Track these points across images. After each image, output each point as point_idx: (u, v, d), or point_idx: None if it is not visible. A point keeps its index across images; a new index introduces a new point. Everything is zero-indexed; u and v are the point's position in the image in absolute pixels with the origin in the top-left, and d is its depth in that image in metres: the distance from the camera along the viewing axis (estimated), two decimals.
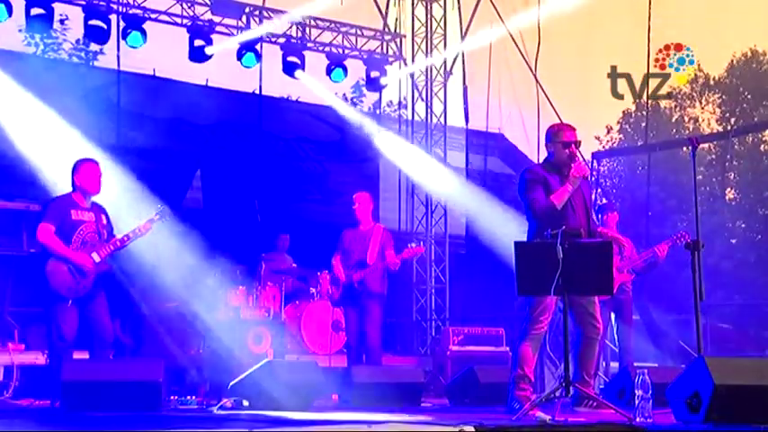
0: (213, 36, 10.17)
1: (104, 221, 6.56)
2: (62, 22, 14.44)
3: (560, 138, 5.72)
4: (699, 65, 23.47)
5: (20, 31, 14.17)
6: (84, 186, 6.47)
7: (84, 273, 6.30)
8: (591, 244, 5.41)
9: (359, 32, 11.24)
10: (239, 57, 10.39)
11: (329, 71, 10.94)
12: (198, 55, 10.09)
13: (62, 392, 5.63)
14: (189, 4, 10.16)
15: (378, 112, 13.92)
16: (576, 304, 5.54)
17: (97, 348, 6.40)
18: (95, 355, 6.39)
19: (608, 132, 26.35)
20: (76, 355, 6.47)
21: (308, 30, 10.88)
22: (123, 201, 7.76)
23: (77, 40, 17.41)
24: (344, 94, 20.61)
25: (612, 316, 7.74)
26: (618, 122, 26.18)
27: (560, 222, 5.31)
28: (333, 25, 11.03)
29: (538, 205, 5.58)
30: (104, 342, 6.41)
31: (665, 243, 7.70)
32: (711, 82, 25.24)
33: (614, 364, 8.31)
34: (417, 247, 8.13)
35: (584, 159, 6.11)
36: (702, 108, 25.63)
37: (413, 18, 11.93)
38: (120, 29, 9.73)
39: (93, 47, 15.29)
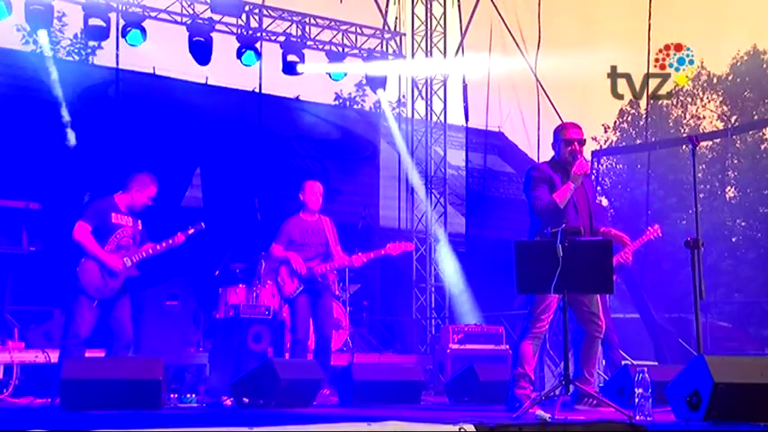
0: (213, 34, 10.16)
1: (140, 227, 6.65)
2: (59, 19, 14.43)
3: (563, 135, 5.73)
4: (702, 63, 23.54)
5: (17, 29, 14.15)
6: (135, 198, 6.59)
7: (115, 275, 6.38)
8: (591, 242, 5.41)
9: (359, 31, 11.23)
10: (239, 55, 10.38)
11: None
12: (200, 55, 10.07)
13: (61, 390, 5.63)
14: (188, 2, 10.14)
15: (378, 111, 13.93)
16: (577, 302, 5.54)
17: (115, 348, 6.44)
18: (112, 353, 6.43)
19: (605, 131, 26.37)
20: (93, 354, 6.51)
21: (307, 28, 10.87)
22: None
23: (75, 35, 17.43)
24: (350, 93, 20.69)
25: None
26: (614, 123, 26.19)
27: (562, 221, 5.31)
28: (333, 23, 11.02)
29: (540, 203, 5.58)
30: (122, 343, 6.45)
31: (635, 243, 7.48)
32: (714, 80, 25.24)
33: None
34: (405, 243, 7.77)
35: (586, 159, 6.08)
36: (704, 106, 25.63)
37: (413, 16, 11.93)
38: (120, 27, 9.73)
39: (91, 44, 15.28)
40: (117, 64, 10.74)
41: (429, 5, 11.86)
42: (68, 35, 17.72)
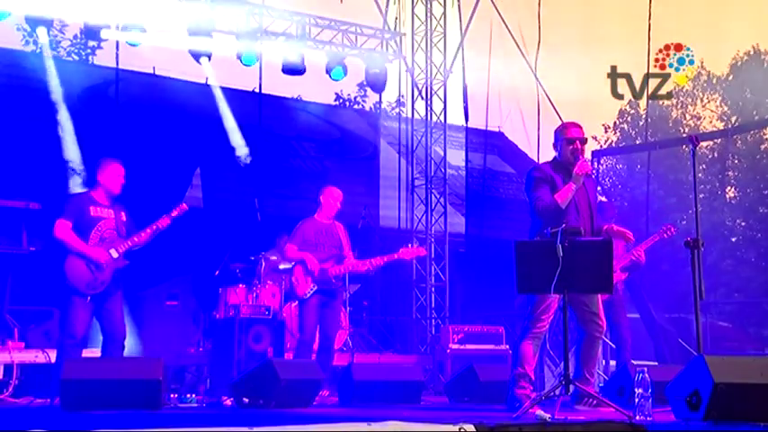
0: (213, 34, 10.15)
1: (124, 219, 6.62)
2: (60, 19, 14.41)
3: (565, 135, 5.74)
4: (702, 63, 23.54)
5: (17, 29, 14.14)
6: (106, 185, 6.56)
7: (102, 268, 6.36)
8: (591, 242, 5.41)
9: (359, 31, 11.22)
10: (239, 55, 10.38)
11: (329, 70, 10.93)
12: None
13: (61, 390, 5.63)
14: (189, 2, 10.13)
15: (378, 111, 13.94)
16: (578, 303, 5.54)
17: (109, 347, 6.43)
18: (107, 352, 6.42)
19: (606, 131, 26.38)
20: (88, 353, 6.51)
21: (307, 28, 10.87)
22: (122, 200, 7.75)
23: (75, 36, 17.44)
24: (350, 94, 20.74)
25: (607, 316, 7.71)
26: (614, 123, 26.20)
27: (563, 221, 5.31)
28: (332, 23, 11.02)
29: (542, 203, 5.57)
30: (117, 341, 6.44)
31: (639, 246, 7.55)
32: (714, 81, 25.25)
33: (614, 363, 8.31)
34: (418, 248, 7.99)
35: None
36: (704, 106, 25.65)
37: (413, 16, 11.91)
38: (120, 27, 9.71)
39: (91, 43, 15.28)
40: (117, 64, 10.75)
41: (429, 5, 11.85)
42: (68, 35, 17.73)
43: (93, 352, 6.78)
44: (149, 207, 6.76)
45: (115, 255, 6.45)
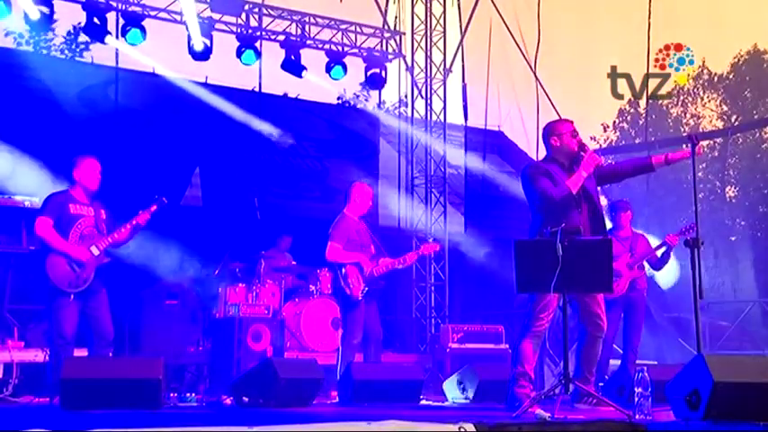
0: (212, 33, 10.16)
1: (103, 216, 6.59)
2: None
3: (565, 129, 5.73)
4: (704, 61, 23.53)
5: (6, 34, 14.07)
6: (82, 182, 6.52)
7: (84, 266, 6.32)
8: (590, 241, 5.41)
9: (358, 30, 11.24)
10: (239, 54, 10.39)
11: (329, 69, 10.94)
12: (198, 52, 10.08)
13: (61, 390, 5.63)
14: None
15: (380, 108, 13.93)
16: (578, 302, 5.54)
17: (96, 346, 6.41)
18: (94, 352, 6.40)
19: (605, 131, 26.38)
20: (77, 353, 6.49)
21: (307, 27, 10.88)
22: (122, 199, 7.75)
23: (68, 33, 17.39)
24: (351, 93, 20.66)
25: (623, 314, 7.74)
26: (614, 122, 26.20)
27: (566, 218, 5.31)
28: (332, 23, 11.03)
29: (553, 192, 5.53)
30: (104, 340, 6.42)
31: (674, 234, 7.68)
32: (715, 79, 25.26)
33: (614, 362, 8.31)
34: (433, 244, 8.11)
35: None
36: (704, 105, 25.65)
37: (412, 15, 11.93)
38: (120, 26, 9.73)
39: (83, 38, 15.18)
40: (117, 64, 10.74)
41: (429, 5, 11.86)
42: (60, 33, 17.63)
43: (83, 352, 6.74)
44: (148, 207, 6.73)
45: (96, 252, 6.41)
